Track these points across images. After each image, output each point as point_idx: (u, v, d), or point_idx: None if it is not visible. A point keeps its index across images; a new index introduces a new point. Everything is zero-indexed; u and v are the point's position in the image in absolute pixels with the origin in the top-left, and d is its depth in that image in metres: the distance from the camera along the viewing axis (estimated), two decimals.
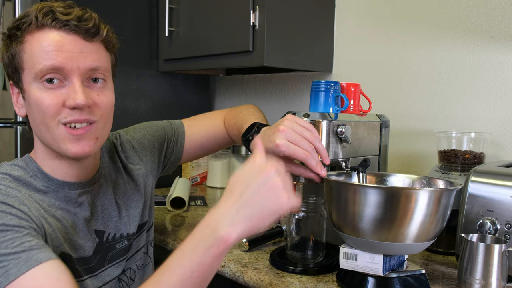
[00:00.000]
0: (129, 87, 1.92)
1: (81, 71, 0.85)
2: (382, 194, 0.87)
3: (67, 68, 0.83)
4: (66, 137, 0.85)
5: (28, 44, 0.84)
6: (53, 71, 0.83)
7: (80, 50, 0.84)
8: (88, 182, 0.94)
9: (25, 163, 0.91)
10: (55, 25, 0.83)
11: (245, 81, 2.19)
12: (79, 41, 0.85)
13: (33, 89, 0.84)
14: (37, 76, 0.83)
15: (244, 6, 1.56)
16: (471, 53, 1.40)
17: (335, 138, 1.06)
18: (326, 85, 1.14)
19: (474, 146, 1.24)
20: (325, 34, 1.73)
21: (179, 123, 1.22)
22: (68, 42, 0.84)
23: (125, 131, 1.14)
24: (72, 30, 0.84)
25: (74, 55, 0.84)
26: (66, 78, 0.84)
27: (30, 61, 0.84)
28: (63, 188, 0.90)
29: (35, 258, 0.73)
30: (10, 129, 1.68)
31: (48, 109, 0.84)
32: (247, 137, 1.09)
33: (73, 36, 0.84)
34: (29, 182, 0.88)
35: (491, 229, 0.98)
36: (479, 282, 0.89)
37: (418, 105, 1.53)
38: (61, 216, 0.88)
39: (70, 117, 0.84)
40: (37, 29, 0.84)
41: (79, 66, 0.84)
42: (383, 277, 0.94)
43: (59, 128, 0.85)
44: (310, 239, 1.10)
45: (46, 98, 0.83)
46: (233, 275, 1.08)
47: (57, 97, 0.84)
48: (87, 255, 0.92)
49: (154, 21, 1.96)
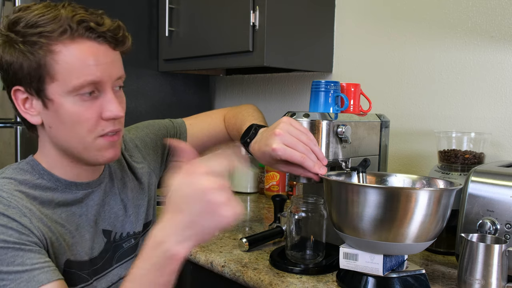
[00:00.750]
0: (129, 87, 1.91)
1: (113, 81, 0.85)
2: (382, 194, 0.87)
3: (104, 80, 0.83)
4: (102, 147, 0.86)
5: (61, 55, 0.80)
6: (93, 85, 0.82)
7: (111, 60, 0.84)
8: (95, 181, 0.94)
9: (30, 166, 0.89)
10: (89, 36, 0.81)
11: (245, 81, 2.19)
12: (110, 51, 0.84)
13: (66, 102, 0.82)
14: (75, 89, 0.81)
15: (244, 6, 1.56)
16: (471, 53, 1.40)
17: (335, 138, 1.06)
18: (326, 85, 1.14)
19: (474, 146, 1.24)
20: (325, 34, 1.73)
21: (180, 121, 1.23)
22: (102, 53, 0.82)
23: (127, 130, 1.14)
24: (106, 41, 0.83)
25: (107, 66, 0.83)
26: (99, 89, 0.84)
27: (66, 74, 0.80)
28: (70, 188, 0.90)
29: (37, 280, 0.73)
30: (10, 129, 1.68)
31: (86, 123, 0.83)
32: (245, 140, 1.09)
33: (104, 46, 0.83)
34: (36, 184, 0.87)
35: (491, 229, 0.98)
36: (479, 282, 0.89)
37: (418, 105, 1.53)
38: (65, 219, 0.88)
39: (108, 129, 0.85)
40: (70, 39, 0.80)
41: (111, 76, 0.84)
42: (383, 277, 0.94)
43: (96, 141, 0.85)
44: (310, 239, 1.10)
45: (82, 112, 0.82)
46: (233, 275, 1.08)
47: (94, 110, 0.83)
48: (95, 256, 0.92)
49: (154, 21, 1.97)
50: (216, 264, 1.13)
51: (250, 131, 1.09)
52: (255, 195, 1.91)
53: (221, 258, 1.13)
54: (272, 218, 1.35)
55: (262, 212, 1.62)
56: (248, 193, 1.92)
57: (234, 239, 1.28)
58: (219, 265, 1.12)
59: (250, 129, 1.10)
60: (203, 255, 1.17)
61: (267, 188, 1.85)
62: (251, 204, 1.76)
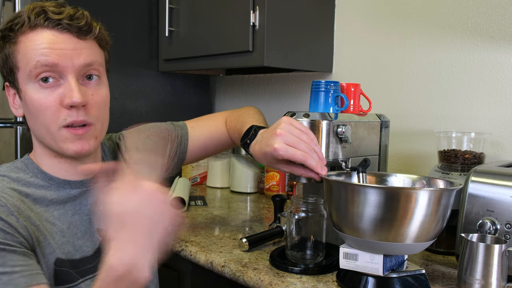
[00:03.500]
0: (129, 87, 1.92)
1: (76, 68, 0.85)
2: (382, 194, 0.87)
3: (61, 65, 0.84)
4: (68, 138, 0.86)
5: (21, 44, 0.85)
6: (48, 68, 0.83)
7: (73, 47, 0.85)
8: (89, 180, 0.95)
9: (25, 164, 0.91)
10: (48, 25, 0.84)
11: (245, 81, 2.19)
12: (72, 39, 0.86)
13: (29, 89, 0.85)
14: (32, 74, 0.84)
15: (244, 6, 1.56)
16: (471, 53, 1.40)
17: (335, 138, 1.06)
18: (326, 85, 1.14)
19: (474, 146, 1.24)
20: (325, 34, 1.73)
21: (182, 124, 1.23)
22: (61, 40, 0.84)
23: (128, 132, 1.14)
24: (65, 29, 0.85)
25: (67, 52, 0.84)
26: (61, 76, 0.85)
27: (24, 60, 0.84)
28: (64, 187, 0.91)
29: (15, 283, 0.73)
30: (10, 129, 1.68)
31: (46, 110, 0.84)
32: (245, 141, 1.09)
33: (66, 34, 0.85)
34: (30, 182, 0.88)
35: (491, 229, 0.98)
36: (479, 282, 0.89)
37: (418, 105, 1.53)
38: (57, 217, 0.88)
39: (69, 119, 0.85)
40: (30, 29, 0.84)
41: (73, 63, 0.85)
42: (383, 277, 0.94)
43: (60, 131, 0.86)
44: (310, 239, 1.10)
45: (43, 99, 0.84)
46: (233, 275, 1.08)
47: (54, 97, 0.84)
48: (88, 255, 0.92)
49: (154, 21, 1.96)
50: (216, 264, 1.13)
51: (250, 132, 1.09)
52: (255, 195, 1.91)
53: (221, 258, 1.13)
54: (272, 218, 1.35)
55: (262, 212, 1.62)
56: (248, 193, 1.92)
57: (234, 239, 1.28)
58: (219, 265, 1.12)
59: (250, 130, 1.10)
60: (203, 255, 1.17)
61: (267, 188, 1.85)
62: (251, 204, 1.76)
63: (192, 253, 1.19)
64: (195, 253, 1.18)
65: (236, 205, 1.73)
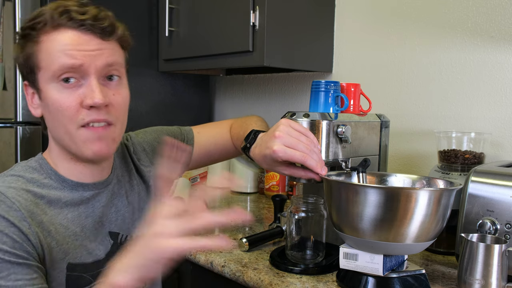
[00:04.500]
0: (129, 87, 1.92)
1: (98, 69, 0.84)
2: (382, 194, 0.87)
3: (85, 66, 0.83)
4: (87, 138, 0.85)
5: (44, 44, 0.83)
6: (71, 69, 0.82)
7: (96, 48, 0.84)
8: (102, 183, 0.94)
9: (39, 165, 0.90)
10: (71, 25, 0.83)
11: (245, 81, 2.19)
12: (95, 40, 0.84)
13: (50, 89, 0.84)
14: (55, 75, 0.82)
15: (244, 6, 1.56)
16: (471, 53, 1.40)
17: (335, 138, 1.06)
18: (326, 85, 1.14)
19: (474, 146, 1.24)
20: (325, 34, 1.73)
21: (188, 129, 1.23)
22: (85, 41, 0.83)
23: (135, 133, 1.14)
24: (88, 29, 0.83)
25: (91, 53, 0.83)
26: (83, 77, 0.84)
27: (47, 60, 0.83)
28: (77, 189, 0.90)
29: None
30: (10, 129, 1.68)
31: (66, 111, 0.83)
32: (245, 145, 1.09)
33: (90, 35, 0.84)
34: (44, 183, 0.87)
35: (491, 229, 0.98)
36: (479, 282, 0.89)
37: (418, 105, 1.53)
38: (71, 220, 0.88)
39: (88, 118, 0.84)
40: (53, 28, 0.83)
41: (96, 63, 0.84)
42: (383, 277, 0.94)
43: (78, 131, 0.84)
44: (310, 239, 1.10)
45: (64, 99, 0.83)
46: (233, 275, 1.08)
47: (75, 97, 0.83)
48: (100, 258, 0.91)
49: (154, 21, 1.97)
50: (216, 264, 1.13)
51: (250, 136, 1.10)
52: (255, 195, 1.91)
53: (221, 258, 1.13)
54: (272, 218, 1.35)
55: (262, 212, 1.62)
56: (248, 193, 1.92)
57: (234, 239, 1.28)
58: (219, 265, 1.12)
59: (250, 134, 1.10)
60: (203, 255, 1.17)
61: (267, 188, 1.85)
62: (251, 204, 1.76)
63: (192, 253, 1.19)
64: (195, 253, 1.18)
65: (236, 205, 1.73)
